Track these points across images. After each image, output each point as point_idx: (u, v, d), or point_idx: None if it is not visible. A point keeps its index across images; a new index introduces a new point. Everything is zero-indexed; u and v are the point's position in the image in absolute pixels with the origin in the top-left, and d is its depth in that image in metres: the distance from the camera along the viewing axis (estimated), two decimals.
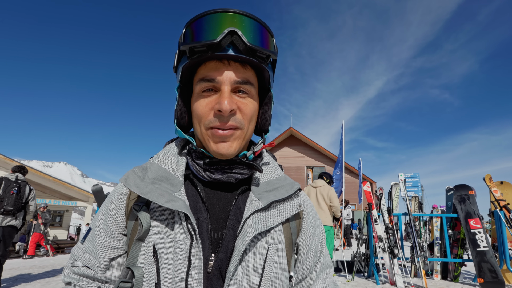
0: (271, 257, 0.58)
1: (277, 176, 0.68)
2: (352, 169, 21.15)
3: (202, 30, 0.56)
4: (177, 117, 0.64)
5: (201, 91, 0.59)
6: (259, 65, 0.60)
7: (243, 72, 0.59)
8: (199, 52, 0.56)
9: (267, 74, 0.63)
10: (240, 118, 0.59)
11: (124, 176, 0.60)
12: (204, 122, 0.59)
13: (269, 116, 0.68)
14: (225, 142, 0.59)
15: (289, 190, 0.64)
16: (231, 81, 0.57)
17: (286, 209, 0.62)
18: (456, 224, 5.69)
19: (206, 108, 0.58)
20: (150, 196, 0.55)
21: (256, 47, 0.56)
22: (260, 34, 0.59)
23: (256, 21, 0.59)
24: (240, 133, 0.60)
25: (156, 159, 0.64)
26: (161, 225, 0.56)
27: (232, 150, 0.59)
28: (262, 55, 0.58)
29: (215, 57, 0.57)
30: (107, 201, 0.64)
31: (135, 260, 0.54)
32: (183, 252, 0.53)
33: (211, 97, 0.59)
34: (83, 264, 0.58)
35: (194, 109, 0.61)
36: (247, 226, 0.56)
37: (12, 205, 4.50)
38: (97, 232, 0.61)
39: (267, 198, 0.60)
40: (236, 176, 0.62)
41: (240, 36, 0.55)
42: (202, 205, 0.60)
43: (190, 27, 0.58)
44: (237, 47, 0.55)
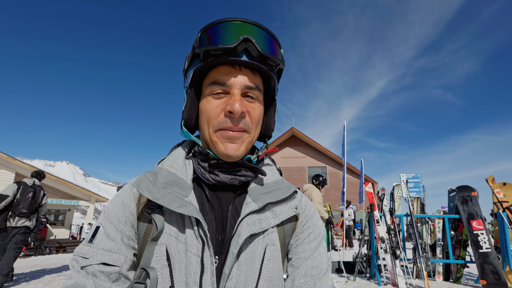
0: (268, 258, 0.58)
1: (274, 179, 0.69)
2: (354, 169, 21.12)
3: (218, 36, 0.59)
4: (185, 118, 0.65)
5: (211, 93, 0.61)
6: (268, 72, 0.63)
7: (253, 78, 0.62)
8: (214, 56, 0.59)
9: (273, 83, 0.67)
10: (249, 121, 0.62)
11: (136, 181, 0.60)
12: (214, 124, 0.61)
13: (273, 123, 0.71)
14: (234, 144, 0.60)
15: (285, 192, 0.65)
16: (242, 86, 0.60)
17: (282, 212, 0.63)
18: (459, 226, 5.66)
19: (217, 109, 0.60)
20: (163, 201, 0.56)
21: (268, 55, 0.60)
22: (270, 44, 0.63)
23: (268, 32, 0.63)
24: (248, 137, 0.63)
25: (165, 164, 0.65)
26: (173, 228, 0.57)
27: (240, 152, 0.61)
28: (272, 63, 0.62)
29: (228, 62, 0.60)
30: (117, 202, 0.63)
31: (149, 262, 0.55)
32: (195, 256, 0.54)
33: (221, 99, 0.61)
34: (100, 262, 0.54)
35: (203, 110, 0.63)
36: (241, 227, 0.57)
37: (27, 208, 4.88)
38: (114, 231, 0.58)
39: (262, 200, 0.61)
40: (240, 179, 0.64)
41: (254, 44, 0.58)
42: (209, 206, 0.61)
43: (206, 32, 0.61)
44: (250, 54, 0.59)
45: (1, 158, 12.37)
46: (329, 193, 21.60)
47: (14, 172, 12.89)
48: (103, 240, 0.57)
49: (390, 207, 5.85)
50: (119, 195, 0.64)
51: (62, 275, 6.17)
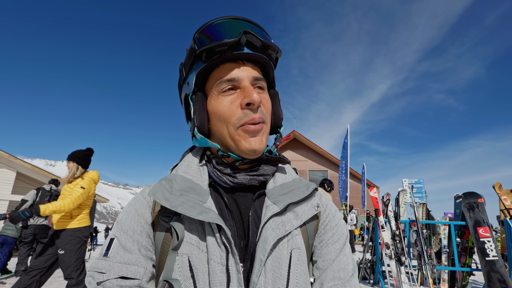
0: (295, 263, 0.55)
1: (292, 178, 0.66)
2: (355, 173, 21.06)
3: (219, 33, 0.57)
4: (198, 124, 0.61)
5: (220, 92, 0.59)
6: (268, 63, 0.63)
7: (257, 70, 0.62)
8: (219, 52, 0.57)
9: (272, 73, 0.66)
10: (265, 111, 0.61)
11: (152, 190, 0.58)
12: (233, 121, 0.58)
13: (280, 112, 0.69)
14: (256, 137, 0.59)
15: (305, 191, 0.62)
16: (250, 78, 0.59)
17: (304, 212, 0.60)
18: (465, 232, 5.59)
19: (232, 106, 0.58)
20: (181, 209, 0.53)
21: (270, 43, 0.60)
22: (265, 36, 0.62)
23: (259, 26, 0.63)
24: (266, 128, 0.61)
25: (179, 170, 0.63)
26: (193, 236, 0.54)
27: (263, 145, 0.60)
28: (274, 51, 0.62)
29: (231, 58, 0.59)
30: (130, 212, 0.59)
31: (171, 273, 0.51)
32: (219, 265, 0.51)
33: (232, 96, 0.59)
34: (119, 276, 0.51)
35: (216, 111, 0.60)
36: (266, 232, 0.54)
37: None
38: (130, 242, 0.55)
39: (283, 202, 0.58)
40: (259, 178, 0.62)
41: (254, 34, 0.58)
42: (228, 212, 0.58)
43: (202, 32, 0.59)
44: (252, 45, 0.59)
45: (2, 157, 12.35)
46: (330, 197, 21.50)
47: (15, 171, 12.87)
48: (119, 252, 0.54)
49: (395, 212, 5.78)
50: (131, 204, 0.61)
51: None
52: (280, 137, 0.68)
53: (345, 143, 8.07)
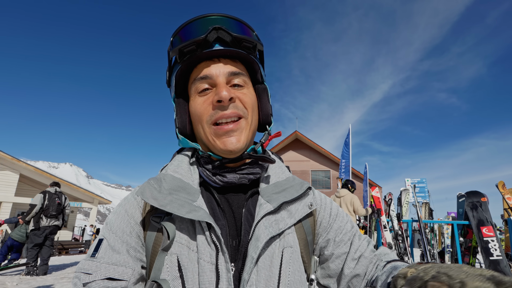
0: (286, 262, 0.55)
1: (285, 177, 0.66)
2: (357, 173, 21.00)
3: (189, 33, 0.58)
4: (178, 126, 0.62)
5: (196, 92, 0.60)
6: (248, 57, 0.62)
7: (235, 65, 0.61)
8: (188, 53, 0.58)
9: (257, 67, 0.65)
10: (241, 106, 0.59)
11: (139, 189, 0.57)
12: (206, 119, 0.58)
13: (269, 107, 0.67)
14: (232, 137, 0.58)
15: (298, 190, 0.62)
16: (225, 74, 0.59)
17: (297, 210, 0.60)
18: (468, 232, 5.55)
19: (204, 104, 0.59)
20: (170, 208, 0.52)
21: (242, 36, 0.59)
22: (241, 28, 0.61)
23: (235, 19, 0.62)
24: (245, 123, 0.60)
25: (169, 170, 0.62)
26: (184, 236, 0.54)
27: (240, 144, 0.58)
28: (249, 44, 0.60)
29: (204, 56, 0.59)
30: (120, 212, 0.59)
31: (159, 273, 0.51)
32: (209, 264, 0.50)
33: (207, 95, 0.59)
34: (105, 277, 0.50)
35: (192, 111, 0.61)
36: (259, 230, 0.54)
37: (56, 211, 6.20)
38: (118, 243, 0.54)
39: (276, 200, 0.58)
40: (249, 177, 0.61)
41: (224, 30, 0.58)
42: (219, 210, 0.58)
43: (177, 35, 0.60)
44: (224, 41, 0.58)
45: (5, 160, 12.42)
46: None
47: (18, 173, 12.94)
48: (107, 253, 0.53)
49: (398, 212, 5.75)
50: (121, 205, 0.61)
51: (65, 277, 6.13)
52: (267, 134, 0.66)
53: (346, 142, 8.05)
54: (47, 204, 6.11)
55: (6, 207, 12.47)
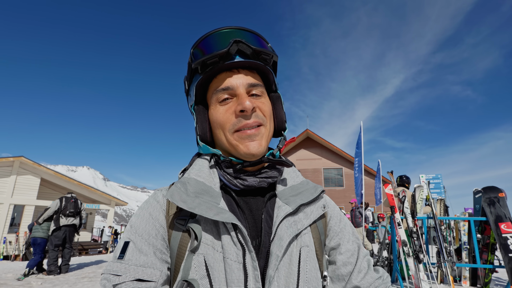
0: (304, 260, 0.59)
1: (300, 180, 0.71)
2: (370, 170, 20.69)
3: (210, 46, 0.62)
4: (199, 133, 0.67)
5: (217, 102, 0.64)
6: (265, 68, 0.66)
7: (253, 76, 0.65)
8: (211, 64, 0.61)
9: (271, 77, 0.69)
10: (261, 115, 0.63)
11: (169, 192, 0.59)
12: (228, 127, 0.62)
13: (283, 115, 0.71)
14: (254, 141, 0.62)
15: (313, 193, 0.66)
16: (245, 85, 0.63)
17: (312, 212, 0.64)
18: (486, 228, 5.42)
19: (227, 113, 0.62)
20: (199, 210, 0.55)
21: (261, 49, 0.63)
22: (259, 41, 0.65)
23: (252, 32, 0.66)
24: (265, 131, 0.64)
25: (192, 174, 0.65)
26: (208, 237, 0.56)
27: (262, 148, 0.62)
28: (267, 56, 0.64)
29: (225, 68, 0.63)
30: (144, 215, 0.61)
31: (188, 274, 0.53)
32: (236, 263, 0.53)
33: (228, 104, 0.63)
34: (134, 278, 0.51)
35: (214, 120, 0.65)
36: (281, 231, 0.58)
37: (73, 208, 6.72)
38: (145, 245, 0.56)
39: (294, 202, 0.62)
40: (268, 180, 0.65)
41: (244, 43, 0.61)
42: (240, 213, 0.61)
43: (197, 47, 0.64)
44: (244, 53, 0.62)
45: (27, 165, 12.91)
46: (345, 195, 21.24)
47: (39, 177, 13.42)
48: (135, 255, 0.54)
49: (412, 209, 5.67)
50: (144, 208, 0.62)
51: (86, 277, 6.34)
52: (283, 140, 0.70)
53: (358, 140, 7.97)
54: (64, 205, 6.65)
55: (29, 210, 12.96)
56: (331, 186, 22.12)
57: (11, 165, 12.37)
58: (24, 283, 5.62)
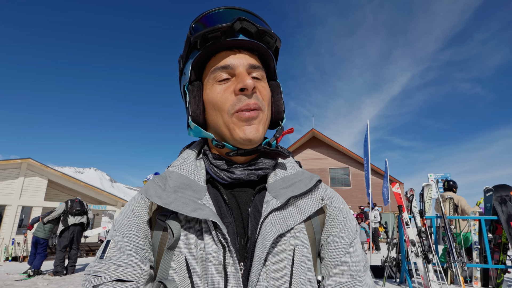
0: (298, 261, 0.52)
1: (294, 171, 0.63)
2: (378, 169, 20.49)
3: (213, 20, 0.57)
4: (192, 113, 0.60)
5: (215, 81, 0.59)
6: (267, 52, 0.62)
7: (254, 58, 0.61)
8: (212, 39, 0.56)
9: (272, 64, 0.65)
10: (261, 98, 0.59)
11: (144, 188, 0.57)
12: (227, 108, 0.57)
13: (282, 104, 0.67)
14: (252, 125, 0.56)
15: (307, 183, 0.59)
16: (245, 65, 0.58)
17: (307, 206, 0.57)
18: (497, 228, 5.29)
19: (225, 93, 0.57)
20: (174, 206, 0.51)
21: (266, 29, 0.59)
22: (262, 23, 0.61)
23: (257, 16, 0.62)
24: (263, 116, 0.59)
25: (175, 167, 0.61)
26: (191, 235, 0.52)
27: (259, 134, 0.57)
28: (271, 38, 0.60)
29: (226, 45, 0.58)
30: (127, 212, 0.59)
31: (166, 274, 0.50)
32: (216, 264, 0.49)
33: (227, 83, 0.58)
34: (114, 278, 0.49)
35: (210, 99, 0.59)
36: (266, 228, 0.52)
37: (80, 207, 6.91)
38: (126, 244, 0.53)
39: (284, 195, 0.55)
40: (258, 173, 0.59)
41: (249, 21, 0.57)
42: (226, 208, 0.56)
43: (198, 21, 0.59)
44: (248, 32, 0.58)
45: (35, 166, 13.06)
46: (352, 194, 21.07)
47: (46, 179, 13.57)
48: (115, 254, 0.52)
49: (420, 208, 5.57)
50: (128, 205, 0.60)
51: None
52: (281, 129, 0.66)
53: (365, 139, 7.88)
54: (70, 205, 6.84)
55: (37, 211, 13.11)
56: (338, 186, 21.96)
57: (19, 167, 12.52)
58: (30, 283, 5.65)
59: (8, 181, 12.19)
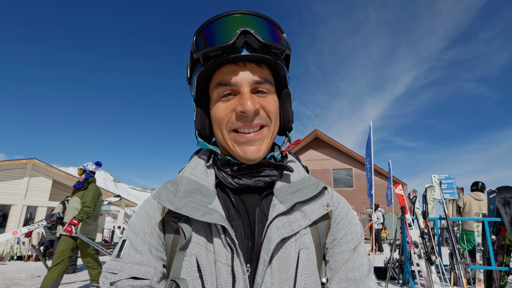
0: (303, 264, 0.54)
1: (301, 177, 0.65)
2: (381, 170, 20.42)
3: (214, 35, 0.55)
4: (198, 128, 0.63)
5: (219, 96, 0.59)
6: (275, 62, 0.59)
7: (260, 71, 0.58)
8: (214, 57, 0.55)
9: (282, 71, 0.63)
10: (265, 115, 0.59)
11: (156, 193, 0.59)
12: (226, 125, 0.58)
13: (290, 113, 0.66)
14: (253, 146, 0.58)
15: (313, 190, 0.60)
16: (250, 82, 0.57)
17: (312, 211, 0.58)
18: (501, 229, 5.27)
19: (226, 110, 0.58)
20: (185, 211, 0.54)
21: (271, 43, 0.55)
22: (271, 31, 0.58)
23: (265, 19, 0.58)
24: (267, 131, 0.60)
25: (186, 172, 0.64)
26: (201, 237, 0.55)
27: (261, 154, 0.58)
28: (277, 50, 0.57)
29: (229, 60, 0.56)
30: (141, 213, 0.62)
31: (179, 273, 0.53)
32: (225, 266, 0.51)
33: (230, 101, 0.58)
34: (130, 276, 0.53)
35: (213, 115, 0.60)
36: (271, 232, 0.54)
37: None
38: (141, 243, 0.57)
39: (290, 201, 0.57)
40: (265, 179, 0.61)
41: (253, 35, 0.54)
42: (235, 212, 0.58)
43: (200, 34, 0.58)
44: (251, 46, 0.55)
45: (40, 167, 13.19)
46: (355, 195, 21.02)
47: (51, 179, 13.69)
48: (131, 253, 0.55)
49: (423, 210, 5.56)
50: (143, 206, 0.63)
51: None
52: (287, 141, 0.65)
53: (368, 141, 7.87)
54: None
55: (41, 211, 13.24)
56: (341, 187, 21.92)
57: (24, 167, 12.66)
58: (36, 282, 5.72)
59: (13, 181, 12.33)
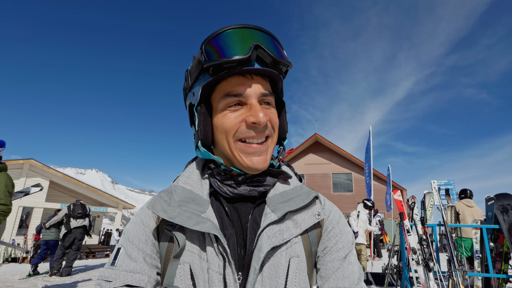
0: (293, 272, 0.55)
1: (293, 186, 0.66)
2: (380, 175, 20.41)
3: (228, 47, 0.56)
4: (202, 138, 0.62)
5: (226, 106, 0.60)
6: (278, 76, 0.63)
7: (265, 84, 0.61)
8: (227, 68, 0.56)
9: (280, 85, 0.66)
10: (270, 126, 0.61)
11: (150, 203, 0.60)
12: (234, 135, 0.59)
13: (286, 124, 0.69)
14: (261, 156, 0.60)
15: (305, 199, 0.61)
16: (258, 94, 0.59)
17: (304, 220, 0.60)
18: (499, 237, 5.25)
19: (235, 120, 0.59)
20: (179, 220, 0.55)
21: (280, 59, 0.59)
22: (276, 47, 0.61)
23: (271, 35, 0.61)
24: (271, 142, 0.63)
25: (180, 181, 0.64)
26: (195, 246, 0.56)
27: (267, 163, 0.61)
28: (284, 67, 0.61)
29: (239, 72, 0.58)
30: (136, 222, 0.63)
31: (172, 281, 0.53)
32: (217, 274, 0.52)
33: (238, 111, 0.59)
34: (124, 284, 0.53)
35: (220, 124, 0.60)
36: (262, 240, 0.55)
37: (81, 209, 7.00)
38: (135, 251, 0.58)
39: (281, 210, 0.58)
40: (259, 189, 0.62)
41: (265, 50, 0.57)
42: (228, 220, 0.59)
43: (210, 44, 0.58)
44: (263, 61, 0.58)
45: (37, 167, 13.14)
46: (354, 200, 20.97)
47: (48, 179, 13.63)
48: (125, 261, 0.56)
49: (421, 216, 5.54)
50: (138, 214, 0.64)
51: (91, 279, 6.37)
52: (283, 150, 0.68)
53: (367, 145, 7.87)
54: (73, 209, 6.98)
55: (38, 212, 13.16)
56: (340, 191, 21.88)
57: (21, 167, 12.60)
58: (31, 285, 5.66)
59: None
